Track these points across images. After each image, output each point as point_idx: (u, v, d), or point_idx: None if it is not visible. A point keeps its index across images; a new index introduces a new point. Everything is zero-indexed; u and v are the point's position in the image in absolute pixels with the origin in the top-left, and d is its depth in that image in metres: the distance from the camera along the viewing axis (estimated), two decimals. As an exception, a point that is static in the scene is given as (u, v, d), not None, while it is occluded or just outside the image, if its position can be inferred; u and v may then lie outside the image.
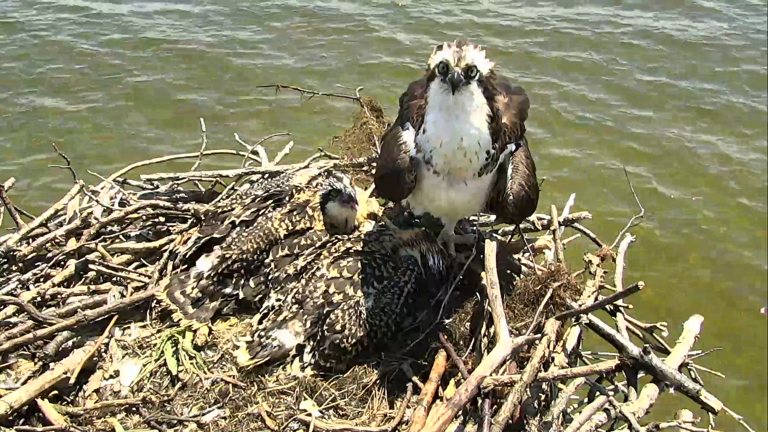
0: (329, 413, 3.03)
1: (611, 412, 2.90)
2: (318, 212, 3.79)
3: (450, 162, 3.04)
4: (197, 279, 3.59)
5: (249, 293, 3.57)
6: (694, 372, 3.50)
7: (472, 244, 3.76)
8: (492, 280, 2.98)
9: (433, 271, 3.47)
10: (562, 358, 3.04)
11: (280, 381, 3.17)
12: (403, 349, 3.31)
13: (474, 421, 2.71)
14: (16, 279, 3.79)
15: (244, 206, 3.88)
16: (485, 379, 2.60)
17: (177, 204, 4.25)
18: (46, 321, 3.33)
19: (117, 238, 4.16)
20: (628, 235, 4.08)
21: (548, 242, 3.79)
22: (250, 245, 3.62)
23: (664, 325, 3.58)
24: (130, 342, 3.41)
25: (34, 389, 3.01)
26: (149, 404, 3.08)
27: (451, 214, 3.60)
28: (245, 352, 3.24)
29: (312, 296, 3.35)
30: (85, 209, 4.34)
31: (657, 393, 2.94)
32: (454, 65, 2.84)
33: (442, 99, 2.94)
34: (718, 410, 2.85)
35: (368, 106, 5.09)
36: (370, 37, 11.73)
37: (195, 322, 3.45)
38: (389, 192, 3.45)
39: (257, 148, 5.22)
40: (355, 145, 4.84)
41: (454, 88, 2.85)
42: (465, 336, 3.31)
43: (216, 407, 3.06)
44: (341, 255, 3.50)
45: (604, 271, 3.53)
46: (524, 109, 3.24)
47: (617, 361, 2.90)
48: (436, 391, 3.03)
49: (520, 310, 3.25)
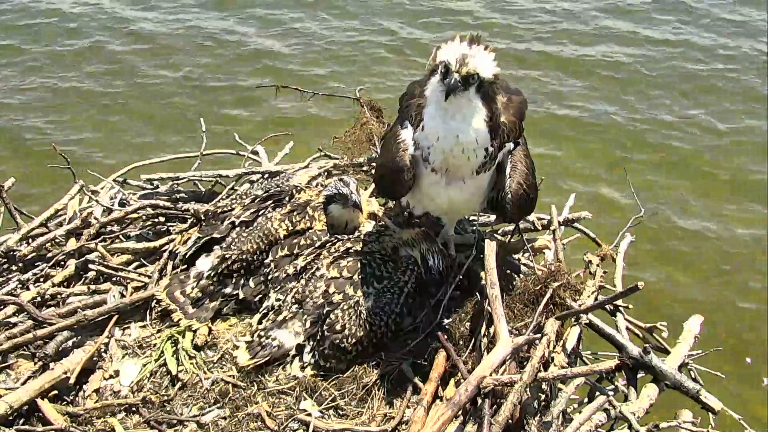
0: (329, 413, 3.04)
1: (611, 412, 2.90)
2: (318, 212, 3.79)
3: (448, 159, 3.03)
4: (197, 279, 3.59)
5: (249, 293, 3.57)
6: (694, 372, 3.50)
7: (472, 244, 3.76)
8: (492, 280, 2.98)
9: (433, 271, 3.47)
10: (562, 358, 3.03)
11: (280, 381, 3.18)
12: (403, 349, 3.31)
13: (474, 421, 2.71)
14: (16, 279, 3.79)
15: (244, 206, 3.88)
16: (485, 379, 2.60)
17: (177, 204, 4.25)
18: (46, 321, 3.33)
19: (117, 238, 4.17)
20: (628, 235, 4.08)
21: (548, 242, 3.79)
22: (250, 245, 3.62)
23: (664, 325, 3.59)
24: (130, 342, 3.41)
25: (34, 389, 3.01)
26: (149, 404, 3.08)
27: (451, 214, 3.60)
28: (245, 352, 3.24)
29: (312, 296, 3.34)
30: (85, 209, 4.35)
31: (657, 393, 2.94)
32: (454, 70, 2.81)
33: (439, 97, 2.93)
34: (718, 410, 2.86)
35: (368, 106, 5.09)
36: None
37: (195, 322, 3.45)
38: (388, 190, 3.45)
39: (257, 148, 5.22)
40: (355, 145, 4.83)
41: (448, 94, 2.83)
42: (465, 336, 3.31)
43: (216, 407, 3.06)
44: (341, 255, 3.50)
45: (604, 271, 3.53)
46: (523, 109, 3.24)
47: (617, 361, 2.90)
48: (436, 391, 3.03)
49: (520, 310, 3.25)
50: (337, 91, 7.41)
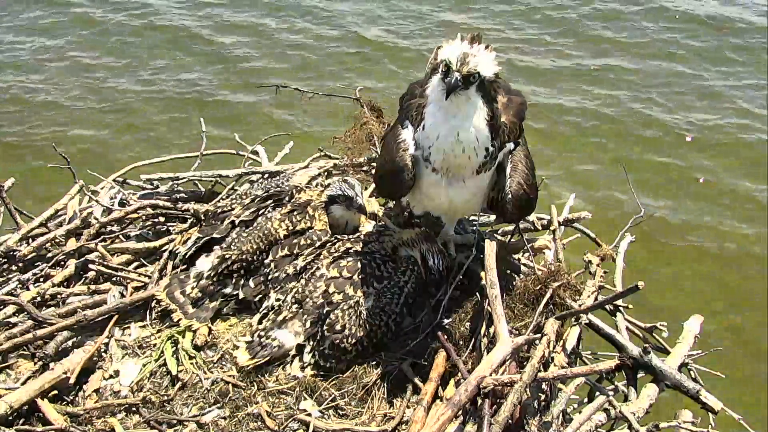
0: (329, 413, 3.04)
1: (611, 412, 2.91)
2: (318, 212, 3.79)
3: (448, 158, 3.03)
4: (197, 279, 3.59)
5: (249, 293, 3.57)
6: (694, 372, 3.50)
7: (472, 244, 3.76)
8: (492, 280, 2.98)
9: (433, 271, 3.46)
10: (562, 358, 3.04)
11: (280, 381, 3.18)
12: (403, 349, 3.30)
13: (474, 421, 2.70)
14: (16, 279, 3.79)
15: (244, 206, 3.88)
16: (485, 379, 2.60)
17: (177, 204, 4.24)
18: (46, 321, 3.33)
19: (117, 238, 4.16)
20: (628, 235, 4.08)
21: (548, 242, 3.79)
22: (249, 245, 3.61)
23: (664, 325, 3.59)
24: (130, 342, 3.41)
25: (34, 389, 3.01)
26: (149, 404, 3.08)
27: (451, 213, 3.60)
28: (245, 352, 3.24)
29: (312, 296, 3.34)
30: (85, 209, 4.34)
31: (657, 393, 2.94)
32: (455, 68, 2.81)
33: (440, 96, 2.93)
34: (718, 410, 2.85)
35: (368, 106, 5.09)
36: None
37: (195, 322, 3.45)
38: (389, 190, 3.45)
39: (257, 148, 5.22)
40: (355, 145, 4.83)
41: (448, 93, 2.83)
42: (465, 336, 3.31)
43: (216, 407, 3.06)
44: (341, 255, 3.50)
45: (604, 271, 3.53)
46: (523, 110, 3.24)
47: (617, 361, 2.90)
48: (436, 391, 3.03)
49: (520, 310, 3.26)
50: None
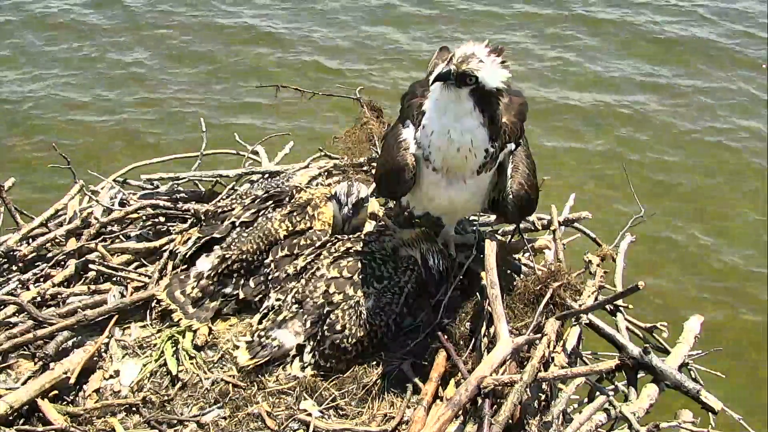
0: (329, 413, 3.03)
1: (611, 412, 2.91)
2: (318, 212, 3.79)
3: (446, 158, 3.03)
4: (197, 279, 3.58)
5: (249, 293, 3.57)
6: (694, 372, 3.50)
7: (472, 244, 3.76)
8: (492, 280, 2.98)
9: (433, 271, 3.47)
10: (562, 358, 3.03)
11: (280, 381, 3.17)
12: (403, 349, 3.30)
13: (474, 421, 2.70)
14: (16, 279, 3.78)
15: (244, 206, 3.88)
16: (485, 379, 2.60)
17: (177, 204, 4.24)
18: (46, 321, 3.33)
19: (117, 238, 4.16)
20: (628, 235, 4.08)
21: (548, 242, 3.79)
22: (250, 246, 3.61)
23: (664, 325, 3.58)
24: (130, 342, 3.41)
25: (34, 389, 3.01)
26: (149, 404, 3.07)
27: (451, 213, 3.59)
28: (245, 352, 3.24)
29: (312, 296, 3.34)
30: (85, 209, 4.34)
31: (657, 393, 2.94)
32: (453, 63, 2.81)
33: (437, 93, 2.95)
34: (718, 410, 2.85)
35: (368, 106, 5.09)
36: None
37: (195, 322, 3.45)
38: (389, 190, 3.45)
39: (257, 148, 5.22)
40: (355, 145, 4.82)
41: (436, 79, 2.82)
42: (465, 336, 3.31)
43: (216, 407, 3.06)
44: (341, 255, 3.50)
45: (604, 271, 3.53)
46: (524, 111, 3.24)
47: (617, 361, 2.90)
48: (436, 391, 3.03)
49: (520, 310, 3.25)
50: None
